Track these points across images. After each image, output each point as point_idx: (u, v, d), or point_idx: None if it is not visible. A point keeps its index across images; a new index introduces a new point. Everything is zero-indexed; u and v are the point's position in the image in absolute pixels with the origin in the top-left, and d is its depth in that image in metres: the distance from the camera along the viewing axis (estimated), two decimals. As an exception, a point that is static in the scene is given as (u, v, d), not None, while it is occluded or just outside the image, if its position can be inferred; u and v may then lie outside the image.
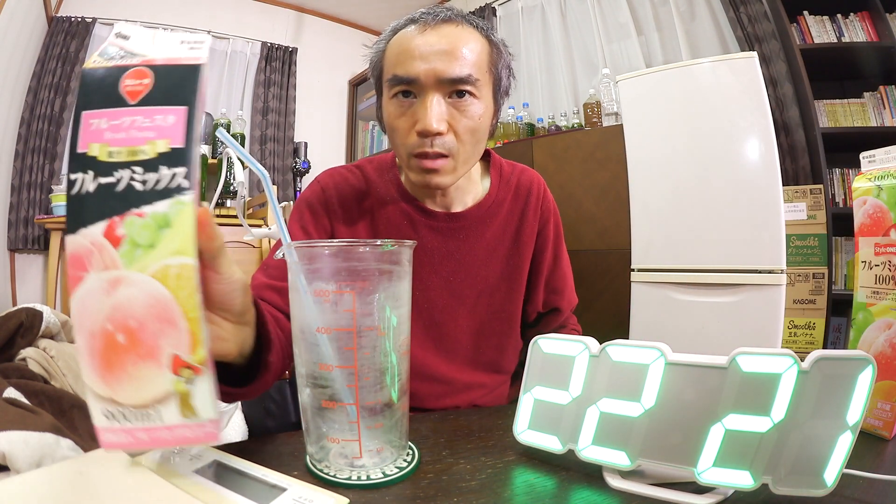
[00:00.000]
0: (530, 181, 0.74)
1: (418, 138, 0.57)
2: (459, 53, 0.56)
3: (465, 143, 0.59)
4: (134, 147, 0.26)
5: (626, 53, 2.61)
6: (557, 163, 2.13)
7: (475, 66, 0.58)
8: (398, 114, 0.59)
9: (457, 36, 0.57)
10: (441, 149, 0.57)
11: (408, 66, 0.56)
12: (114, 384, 0.25)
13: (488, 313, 0.71)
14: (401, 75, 0.57)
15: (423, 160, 0.58)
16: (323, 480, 0.34)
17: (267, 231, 1.38)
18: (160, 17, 3.13)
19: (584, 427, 0.36)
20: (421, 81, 0.56)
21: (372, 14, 3.79)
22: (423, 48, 0.56)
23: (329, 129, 3.80)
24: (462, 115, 0.58)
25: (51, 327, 0.85)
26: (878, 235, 0.45)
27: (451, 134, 0.58)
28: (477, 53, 0.58)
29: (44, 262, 2.74)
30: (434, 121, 0.55)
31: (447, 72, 0.56)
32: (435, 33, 0.57)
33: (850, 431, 0.30)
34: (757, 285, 1.53)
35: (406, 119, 0.59)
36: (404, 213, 0.69)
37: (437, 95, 0.57)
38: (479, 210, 0.70)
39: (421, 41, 0.57)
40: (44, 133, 2.72)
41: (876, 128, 1.94)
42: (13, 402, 0.55)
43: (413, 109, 0.58)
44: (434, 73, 0.56)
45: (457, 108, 0.58)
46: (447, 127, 0.57)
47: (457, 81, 0.56)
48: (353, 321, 0.34)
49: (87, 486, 0.27)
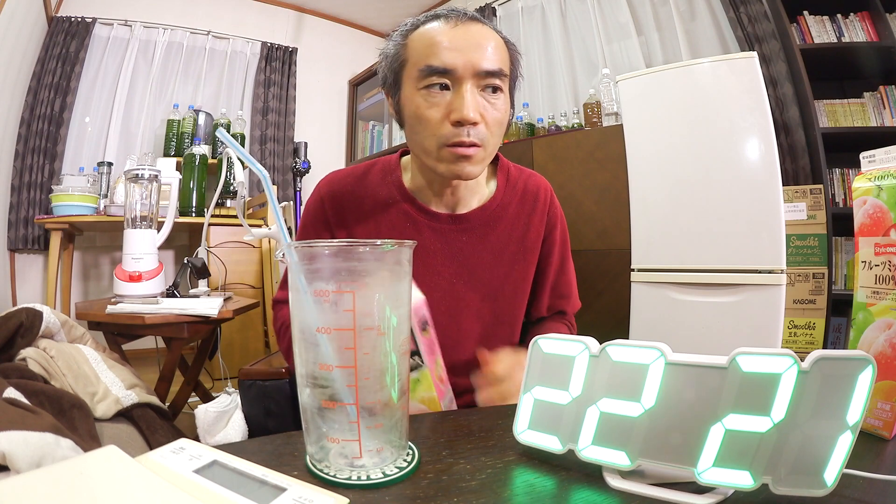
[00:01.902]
0: (537, 186, 0.74)
1: (453, 128, 0.58)
2: (490, 49, 0.59)
3: (494, 135, 0.61)
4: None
5: (626, 53, 2.62)
6: (557, 163, 2.13)
7: (503, 62, 0.60)
8: (429, 105, 0.60)
9: (486, 34, 0.60)
10: (476, 138, 0.59)
11: (444, 56, 0.58)
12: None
13: (492, 317, 0.70)
14: (436, 65, 0.58)
15: (457, 148, 0.59)
16: (323, 480, 0.34)
17: (267, 231, 1.38)
18: (160, 17, 3.13)
19: (584, 427, 0.36)
20: (458, 72, 0.58)
21: (372, 14, 3.79)
22: (458, 41, 0.58)
23: (329, 129, 3.80)
24: (492, 108, 0.60)
25: (51, 327, 0.85)
26: (878, 235, 0.45)
27: (483, 125, 0.59)
28: (502, 51, 0.61)
29: (44, 262, 2.74)
30: (472, 110, 0.57)
31: (483, 64, 0.58)
32: (466, 29, 0.59)
33: (850, 431, 0.30)
34: (757, 285, 1.54)
35: (438, 109, 0.59)
36: (406, 214, 0.69)
37: (472, 87, 0.58)
38: (484, 212, 0.70)
39: (453, 35, 0.59)
40: (44, 133, 2.72)
41: (876, 128, 1.94)
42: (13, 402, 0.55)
43: (446, 100, 0.59)
44: (472, 64, 0.58)
45: (488, 101, 0.60)
46: (480, 117, 0.59)
47: (491, 74, 0.59)
48: (353, 321, 0.34)
49: (87, 486, 0.27)
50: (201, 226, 1.70)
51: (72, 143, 2.85)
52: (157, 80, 3.11)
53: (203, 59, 3.26)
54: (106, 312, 1.20)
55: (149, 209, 1.52)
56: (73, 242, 2.71)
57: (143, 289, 1.44)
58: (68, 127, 2.80)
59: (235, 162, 1.45)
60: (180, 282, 1.48)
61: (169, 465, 0.31)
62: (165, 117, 3.04)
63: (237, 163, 1.44)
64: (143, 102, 3.05)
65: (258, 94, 3.39)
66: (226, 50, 3.35)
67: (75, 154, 2.87)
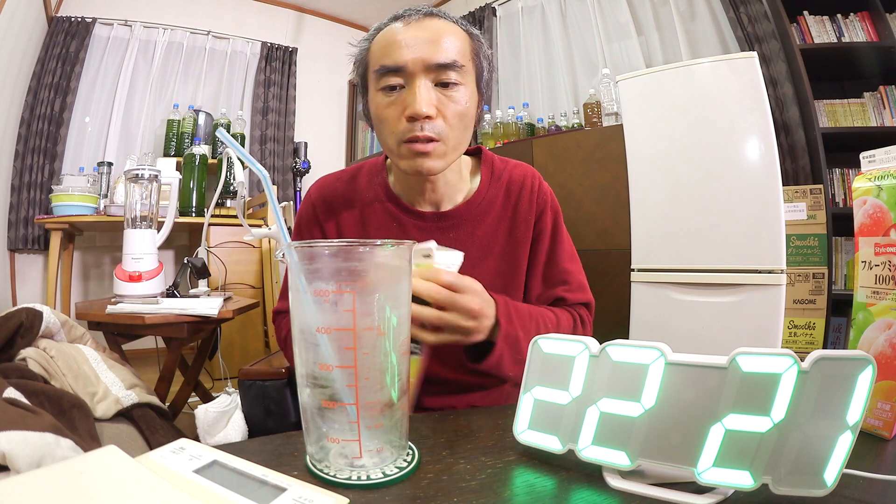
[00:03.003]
0: (523, 175, 0.73)
1: (408, 124, 0.59)
2: (443, 42, 0.59)
3: (454, 127, 0.61)
4: None
5: (626, 53, 2.61)
6: (557, 163, 2.13)
7: (459, 54, 0.60)
8: (386, 104, 0.60)
9: (439, 28, 0.60)
10: (431, 132, 0.59)
11: (395, 55, 0.59)
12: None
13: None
14: (388, 64, 0.59)
15: (413, 144, 0.59)
16: (323, 480, 0.34)
17: (267, 231, 1.38)
18: (160, 17, 3.13)
19: (584, 427, 0.36)
20: (409, 68, 0.58)
21: (372, 14, 3.78)
22: (409, 39, 0.59)
23: (329, 129, 3.80)
24: (450, 101, 0.60)
25: (51, 327, 0.85)
26: (878, 235, 0.45)
27: (440, 119, 0.59)
28: (459, 43, 0.61)
29: (44, 262, 2.74)
30: (423, 104, 0.57)
31: (434, 57, 0.58)
32: (419, 26, 0.60)
33: (850, 431, 0.30)
34: (757, 285, 1.54)
35: (395, 108, 0.60)
36: (391, 214, 0.69)
37: (426, 81, 0.59)
38: (469, 208, 0.70)
39: (407, 33, 0.59)
40: (44, 133, 2.72)
41: (876, 128, 1.94)
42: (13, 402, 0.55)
43: (401, 97, 0.60)
44: (422, 59, 0.58)
45: (445, 95, 0.60)
46: (436, 112, 0.59)
47: (443, 66, 0.59)
48: (353, 321, 0.34)
49: (87, 486, 0.27)
50: (201, 226, 1.70)
51: (72, 143, 2.85)
52: (157, 80, 3.11)
53: (203, 59, 3.26)
54: (106, 312, 1.20)
55: (149, 209, 1.52)
56: (73, 242, 2.71)
57: (143, 289, 1.44)
58: (68, 127, 2.80)
59: (235, 162, 1.45)
60: (180, 282, 1.48)
61: (169, 465, 0.31)
62: (165, 117, 3.04)
63: (237, 163, 1.44)
64: (143, 102, 3.05)
65: (258, 95, 3.39)
66: (226, 50, 3.35)
67: (75, 154, 2.87)
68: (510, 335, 0.57)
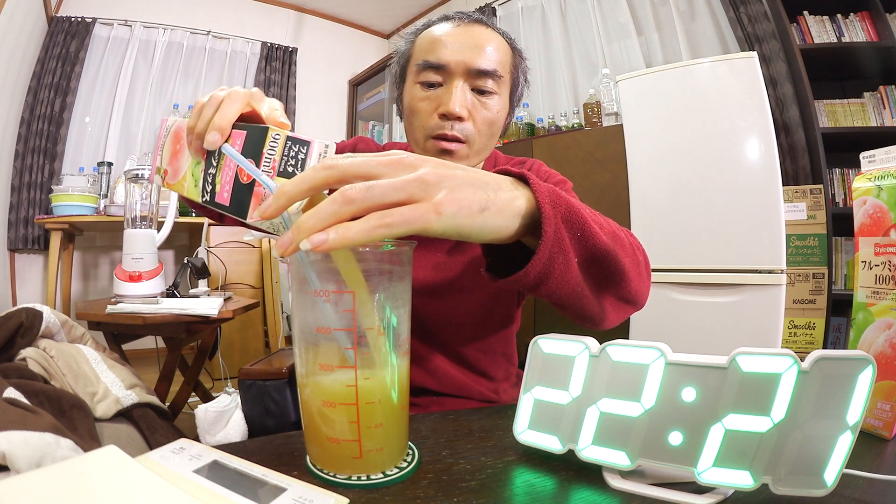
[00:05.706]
0: (523, 164, 0.75)
1: (439, 121, 0.60)
2: (487, 50, 0.61)
3: (482, 133, 0.62)
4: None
5: (626, 53, 2.61)
6: (557, 163, 2.13)
7: (500, 64, 0.62)
8: (422, 97, 0.62)
9: (485, 36, 0.62)
10: (460, 133, 0.60)
11: (439, 53, 0.60)
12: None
13: (491, 299, 0.70)
14: (431, 61, 0.61)
15: (440, 141, 0.61)
16: (323, 480, 0.34)
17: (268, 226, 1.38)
18: (160, 17, 3.13)
19: (584, 427, 0.36)
20: (450, 68, 0.60)
21: (372, 14, 3.78)
22: (455, 40, 0.60)
23: (329, 129, 3.80)
24: (483, 107, 0.62)
25: (51, 327, 0.84)
26: (878, 235, 0.45)
27: (470, 122, 0.61)
28: (501, 54, 0.63)
29: (44, 262, 2.74)
30: (458, 104, 0.59)
31: (476, 63, 0.60)
32: (467, 30, 0.62)
33: (850, 431, 0.30)
34: (757, 285, 1.54)
35: (429, 102, 0.62)
36: None
37: (463, 84, 0.60)
38: None
39: (453, 34, 0.61)
40: (44, 133, 2.72)
41: (876, 128, 1.94)
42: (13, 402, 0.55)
43: (437, 94, 0.61)
44: (464, 62, 0.60)
45: (479, 101, 0.61)
46: (468, 115, 0.60)
47: (483, 73, 0.60)
48: (353, 321, 0.34)
49: (87, 486, 0.27)
50: (201, 226, 1.70)
51: (72, 143, 2.85)
52: (157, 80, 3.11)
53: (203, 59, 3.26)
54: (106, 312, 1.20)
55: (149, 209, 1.52)
56: (73, 242, 2.71)
57: (143, 289, 1.44)
58: (68, 127, 2.80)
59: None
60: (180, 282, 1.48)
61: (169, 465, 0.31)
62: (166, 117, 3.04)
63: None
64: (143, 102, 3.05)
65: (258, 94, 3.39)
66: (226, 50, 3.35)
67: (75, 154, 2.87)
68: (557, 200, 0.38)
